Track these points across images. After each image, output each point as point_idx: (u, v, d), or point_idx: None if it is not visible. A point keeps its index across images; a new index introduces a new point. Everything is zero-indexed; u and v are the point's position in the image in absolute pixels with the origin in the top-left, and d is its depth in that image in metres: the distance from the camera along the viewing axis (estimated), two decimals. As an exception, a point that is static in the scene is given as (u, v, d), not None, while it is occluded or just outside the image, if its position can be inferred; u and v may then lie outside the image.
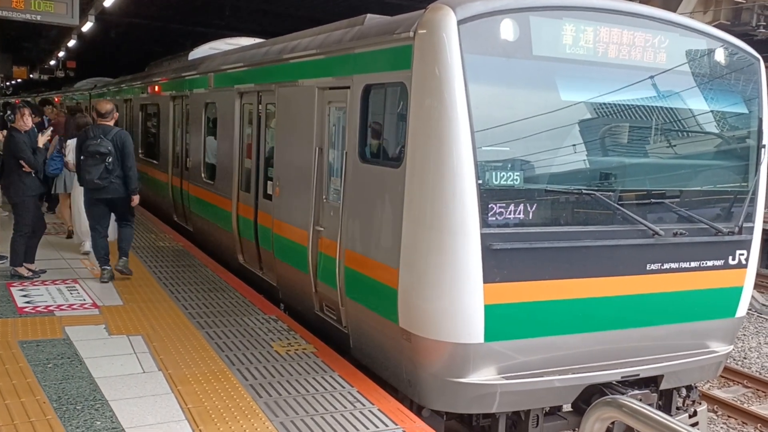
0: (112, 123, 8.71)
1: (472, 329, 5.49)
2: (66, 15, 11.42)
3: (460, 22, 5.32)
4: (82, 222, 9.82)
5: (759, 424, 9.33)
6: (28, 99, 36.49)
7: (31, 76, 41.07)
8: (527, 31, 5.52)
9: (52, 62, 37.92)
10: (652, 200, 6.21)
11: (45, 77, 41.78)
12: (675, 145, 6.51)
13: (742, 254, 6.58)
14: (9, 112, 8.56)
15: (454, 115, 5.29)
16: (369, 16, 6.98)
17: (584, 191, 5.82)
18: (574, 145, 5.94)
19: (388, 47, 6.06)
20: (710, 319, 6.61)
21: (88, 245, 9.81)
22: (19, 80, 46.15)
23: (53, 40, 30.97)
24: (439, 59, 5.35)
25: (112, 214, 8.93)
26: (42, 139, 9.02)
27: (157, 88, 14.97)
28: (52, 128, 10.51)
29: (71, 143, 9.92)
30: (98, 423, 4.99)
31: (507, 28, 5.45)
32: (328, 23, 7.92)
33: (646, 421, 3.10)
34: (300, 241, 7.55)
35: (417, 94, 5.54)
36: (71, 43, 27.01)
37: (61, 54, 33.74)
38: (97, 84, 24.29)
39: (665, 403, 6.79)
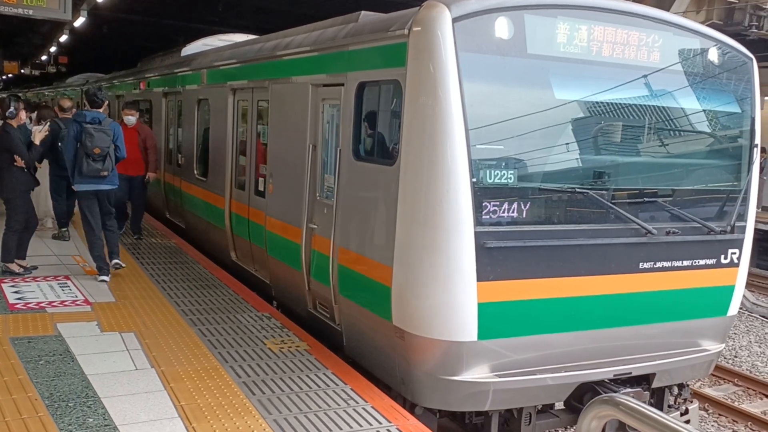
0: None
1: (466, 327, 5.49)
2: (58, 10, 11.37)
3: (455, 20, 5.32)
4: (47, 202, 11.39)
5: (749, 422, 9.38)
6: (19, 94, 36.23)
7: (22, 71, 40.80)
8: (522, 29, 5.53)
9: (44, 57, 37.64)
10: (646, 199, 6.23)
11: (36, 72, 41.46)
12: (668, 144, 6.53)
13: (734, 253, 6.61)
14: (12, 108, 8.58)
15: (448, 113, 5.29)
16: (363, 13, 6.97)
17: (578, 190, 5.84)
18: (567, 143, 5.95)
19: (383, 44, 6.05)
20: (702, 318, 6.64)
21: (50, 222, 11.59)
22: (9, 75, 45.84)
23: (45, 35, 30.75)
24: (434, 57, 5.34)
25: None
26: (39, 136, 8.98)
27: (149, 84, 14.91)
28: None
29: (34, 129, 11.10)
30: (90, 420, 4.97)
31: (502, 26, 5.45)
32: (322, 20, 7.91)
33: (643, 419, 3.12)
34: (293, 238, 7.54)
35: (411, 92, 5.53)
36: (63, 38, 26.82)
37: (53, 49, 33.45)
38: (89, 80, 24.18)
39: (657, 401, 6.82)
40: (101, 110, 8.64)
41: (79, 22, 19.86)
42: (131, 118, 11.21)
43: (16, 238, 8.70)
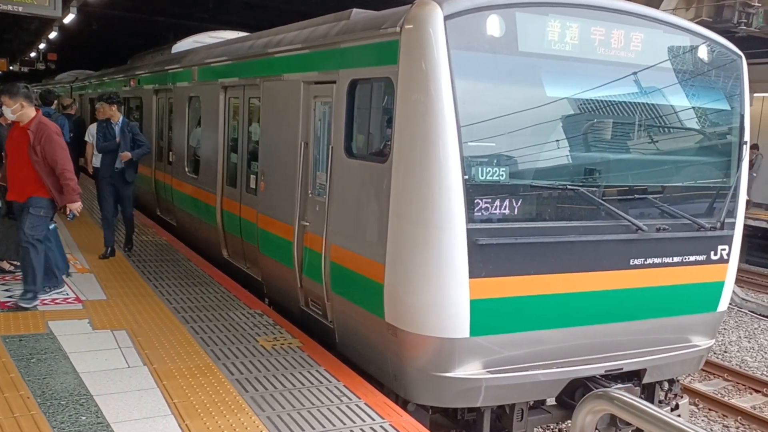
0: None
1: (458, 324, 5.51)
2: (48, 6, 11.27)
3: (446, 18, 5.33)
4: None
5: (739, 417, 9.45)
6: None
7: (10, 68, 40.48)
8: (513, 27, 5.55)
9: (33, 54, 37.39)
10: (636, 196, 6.27)
11: (25, 69, 41.19)
12: (658, 142, 6.57)
13: (724, 249, 6.66)
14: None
15: (440, 110, 5.30)
16: (355, 10, 6.97)
17: (569, 187, 5.86)
18: (559, 140, 5.98)
19: (375, 42, 6.06)
20: (692, 314, 6.68)
21: None
22: (-2, 72, 45.51)
23: (34, 32, 30.56)
24: (426, 54, 5.35)
25: None
26: None
27: (140, 81, 14.86)
28: None
29: None
30: (83, 418, 4.96)
31: (493, 24, 5.47)
32: (314, 17, 7.90)
33: (637, 413, 3.15)
34: (285, 236, 7.54)
35: (403, 89, 5.54)
36: (52, 35, 26.62)
37: (42, 46, 33.27)
38: (79, 77, 24.08)
39: (648, 396, 6.86)
40: (52, 107, 11.42)
41: (68, 18, 19.72)
42: (6, 110, 7.22)
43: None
